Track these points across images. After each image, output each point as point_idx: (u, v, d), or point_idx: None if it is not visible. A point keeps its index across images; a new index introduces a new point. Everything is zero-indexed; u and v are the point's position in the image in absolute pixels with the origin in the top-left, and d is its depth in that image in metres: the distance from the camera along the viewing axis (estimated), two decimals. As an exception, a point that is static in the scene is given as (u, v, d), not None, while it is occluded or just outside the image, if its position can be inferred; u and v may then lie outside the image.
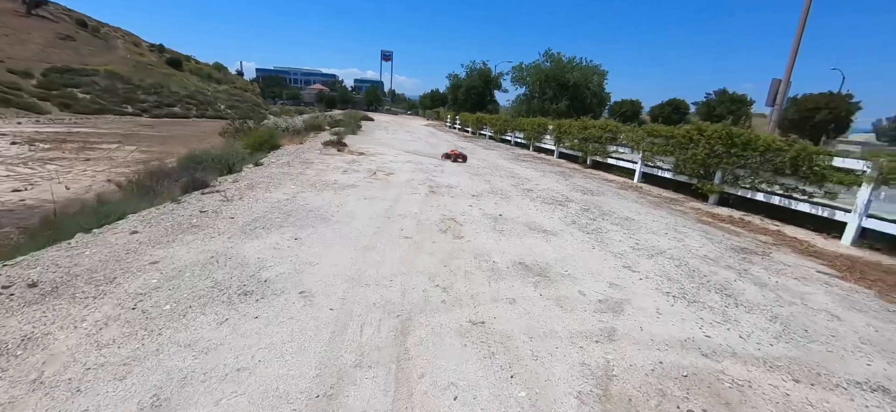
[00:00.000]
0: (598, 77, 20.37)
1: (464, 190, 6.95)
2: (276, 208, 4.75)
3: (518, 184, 8.10)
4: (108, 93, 39.82)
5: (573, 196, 7.33)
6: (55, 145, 19.39)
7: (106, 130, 27.38)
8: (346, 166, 8.30)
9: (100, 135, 24.71)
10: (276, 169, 7.41)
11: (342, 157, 9.68)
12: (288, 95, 78.97)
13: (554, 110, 18.55)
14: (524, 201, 6.49)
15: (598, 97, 20.57)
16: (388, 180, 7.22)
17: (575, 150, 12.92)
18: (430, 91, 66.95)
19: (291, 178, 6.55)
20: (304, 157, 9.04)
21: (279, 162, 8.24)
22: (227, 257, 3.28)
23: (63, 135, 22.76)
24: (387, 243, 3.95)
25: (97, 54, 48.28)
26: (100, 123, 31.02)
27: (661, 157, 9.37)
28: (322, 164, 8.34)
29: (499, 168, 10.35)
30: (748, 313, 3.20)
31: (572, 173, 10.70)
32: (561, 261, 3.89)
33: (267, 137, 11.56)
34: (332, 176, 7.10)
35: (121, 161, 16.04)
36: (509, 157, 13.60)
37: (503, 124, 18.83)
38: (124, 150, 19.83)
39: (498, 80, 32.36)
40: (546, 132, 15.02)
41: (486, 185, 7.66)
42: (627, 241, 4.79)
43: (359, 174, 7.54)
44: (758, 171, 7.12)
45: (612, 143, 11.23)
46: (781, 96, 11.51)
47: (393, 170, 8.42)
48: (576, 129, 12.73)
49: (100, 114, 36.39)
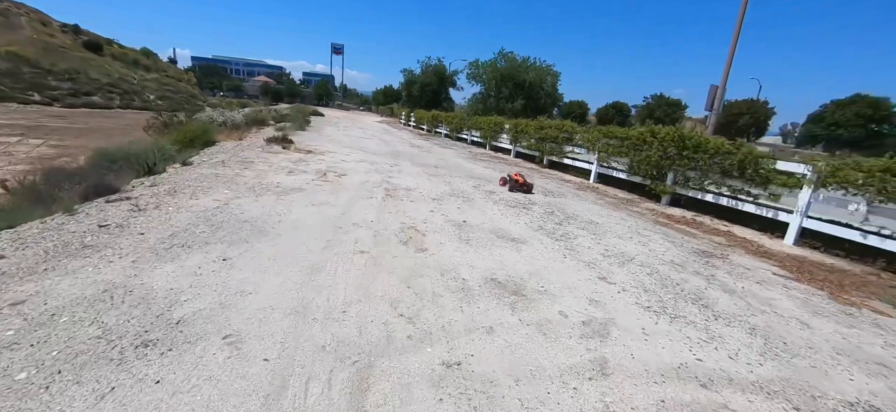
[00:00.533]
0: (551, 78, 20.63)
1: (424, 193, 6.44)
2: (202, 219, 3.95)
3: (479, 185, 7.74)
4: (9, 77, 34.49)
5: (536, 198, 7.11)
6: None
7: (6, 122, 23.55)
8: (292, 166, 7.45)
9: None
10: (207, 169, 6.43)
11: (288, 155, 8.76)
12: (229, 87, 73.17)
13: (510, 109, 18.51)
14: (487, 205, 6.12)
15: (552, 97, 20.89)
16: (340, 182, 6.52)
17: (532, 149, 12.88)
18: (384, 87, 65.33)
19: (225, 181, 5.66)
20: (242, 156, 8.03)
21: (212, 161, 7.21)
22: (128, 290, 2.53)
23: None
24: (339, 261, 3.35)
25: (-6, 33, 41.63)
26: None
27: (616, 158, 9.49)
28: (264, 163, 7.42)
29: (458, 168, 9.96)
30: (728, 327, 3.03)
31: (530, 173, 10.58)
32: (535, 275, 3.53)
33: (200, 133, 10.26)
34: (275, 178, 6.27)
35: (22, 157, 13.77)
36: (467, 155, 13.29)
37: (459, 122, 18.52)
38: (28, 145, 17.08)
39: (453, 78, 32.05)
40: (503, 131, 14.90)
41: (446, 186, 7.21)
42: (597, 248, 4.57)
43: (306, 175, 6.76)
44: (707, 173, 7.34)
45: (569, 143, 11.28)
46: (718, 102, 12.29)
47: (345, 170, 7.71)
48: (532, 128, 12.68)
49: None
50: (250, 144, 10.10)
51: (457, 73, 31.65)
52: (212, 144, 10.25)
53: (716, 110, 12.47)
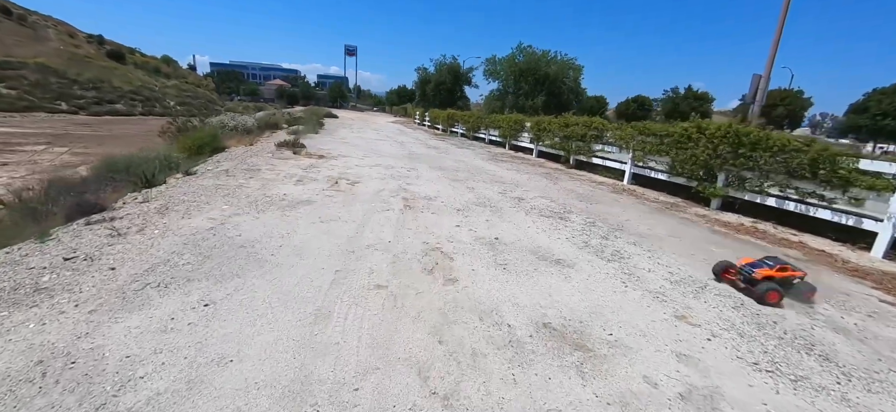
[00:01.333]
0: (574, 71, 19.27)
1: (446, 202, 5.71)
2: (189, 245, 3.30)
3: (505, 191, 6.96)
4: (38, 88, 35.29)
5: (571, 204, 6.29)
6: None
7: (34, 130, 23.93)
8: (302, 174, 6.82)
9: (25, 135, 21.45)
10: (209, 179, 5.84)
11: (298, 161, 8.15)
12: (245, 91, 73.93)
13: (530, 106, 17.46)
14: (519, 215, 5.35)
15: (575, 92, 20.01)
16: (353, 191, 5.84)
17: (556, 148, 12.00)
18: (397, 87, 64.87)
19: (226, 194, 5.04)
20: (250, 163, 7.45)
21: (217, 170, 6.63)
22: (69, 361, 1.87)
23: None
24: (351, 302, 2.65)
25: (24, 45, 42.85)
26: (26, 122, 27.22)
27: (653, 157, 8.56)
28: (271, 171, 6.81)
29: (479, 171, 9.18)
30: (870, 394, 2.21)
31: (557, 175, 9.74)
32: (596, 315, 2.76)
33: (208, 139, 9.78)
34: (282, 188, 5.63)
35: (47, 165, 13.70)
36: (486, 156, 12.49)
37: (476, 121, 17.69)
38: (53, 153, 17.12)
39: (468, 76, 31.04)
40: (523, 130, 14.04)
41: (470, 193, 6.46)
42: (659, 270, 3.75)
43: (317, 184, 6.10)
44: (768, 174, 6.38)
45: (598, 141, 10.38)
46: (762, 92, 11.16)
47: (359, 177, 7.03)
48: (557, 126, 11.80)
49: (28, 111, 32.15)
50: (260, 150, 9.56)
51: (472, 71, 30.78)
52: (221, 150, 9.76)
53: (759, 101, 11.35)
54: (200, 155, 9.34)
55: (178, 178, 6.10)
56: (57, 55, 44.72)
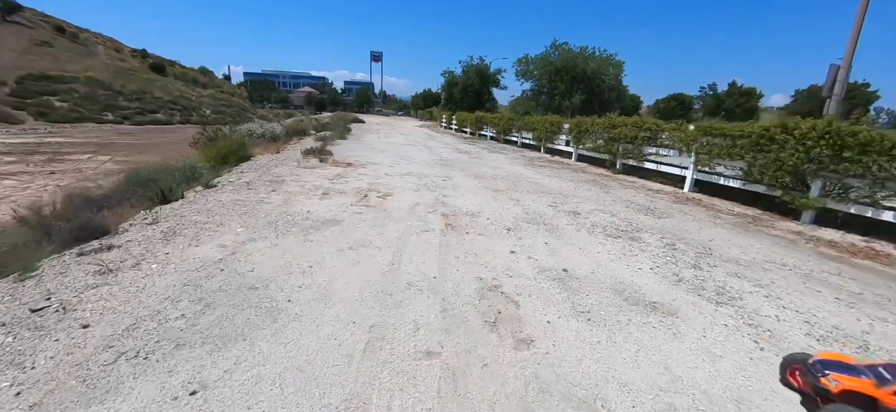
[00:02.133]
0: (614, 68, 17.55)
1: (492, 218, 4.87)
2: (190, 286, 2.63)
3: (555, 203, 6.04)
4: (87, 100, 37.16)
5: (637, 220, 5.31)
6: (20, 158, 17.18)
7: (82, 140, 24.95)
8: (328, 185, 6.16)
9: (74, 145, 22.32)
10: (228, 193, 5.26)
11: (324, 170, 7.54)
12: (276, 99, 75.82)
13: (567, 107, 16.25)
14: (581, 235, 4.44)
15: (617, 91, 18.27)
16: (384, 207, 5.11)
17: (599, 152, 10.91)
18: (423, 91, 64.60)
19: (243, 212, 4.41)
20: (274, 174, 6.88)
21: (238, 182, 6.08)
22: None
23: (33, 146, 20.40)
24: (392, 385, 1.86)
25: (76, 60, 45.41)
26: (76, 133, 28.54)
27: (721, 161, 7.41)
28: (296, 183, 6.19)
29: (519, 179, 8.28)
30: None
31: (606, 182, 8.69)
32: (746, 406, 1.85)
33: (235, 148, 9.38)
34: (306, 203, 4.97)
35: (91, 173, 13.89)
36: (523, 162, 11.55)
37: (507, 124, 16.73)
38: (96, 161, 17.56)
39: (496, 77, 30.06)
40: (561, 132, 12.99)
41: (516, 207, 5.59)
42: (792, 319, 2.78)
43: (344, 198, 5.41)
44: (884, 182, 5.18)
45: (650, 144, 9.25)
46: (841, 85, 9.68)
47: (390, 188, 6.31)
48: (600, 127, 10.72)
49: (78, 122, 33.81)
50: (286, 158, 9.05)
51: (500, 72, 29.76)
52: (247, 159, 9.33)
53: (838, 95, 9.86)
54: (226, 164, 8.94)
55: (197, 191, 5.57)
56: (105, 69, 47.11)
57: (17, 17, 48.10)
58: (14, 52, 41.30)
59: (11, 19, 47.07)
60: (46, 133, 27.52)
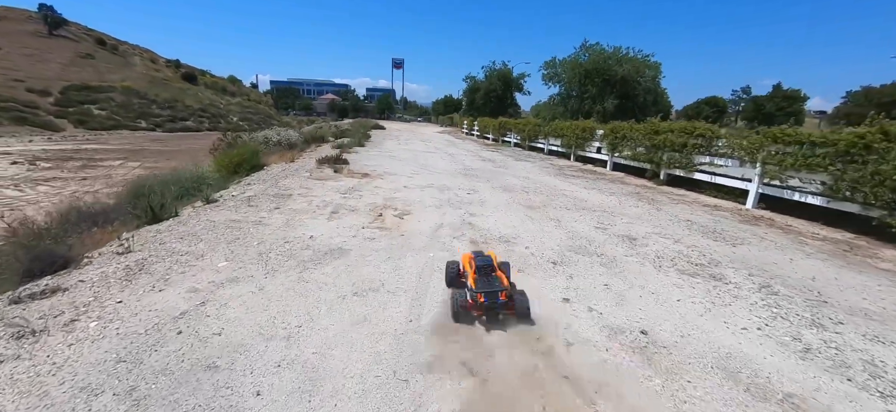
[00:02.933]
0: (651, 70, 15.65)
1: (532, 247, 3.96)
2: (123, 366, 1.85)
3: (603, 224, 5.06)
4: (123, 108, 38.46)
5: (709, 249, 4.27)
6: (56, 164, 17.49)
7: (115, 146, 25.54)
8: (340, 201, 5.40)
9: (107, 151, 22.80)
10: (226, 211, 4.57)
11: (337, 182, 6.81)
12: (300, 106, 77.06)
13: (598, 111, 15.01)
14: (647, 272, 3.47)
15: (653, 94, 16.52)
16: (401, 230, 4.28)
17: (638, 160, 9.79)
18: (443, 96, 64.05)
19: (234, 237, 3.68)
20: (282, 186, 6.19)
21: (242, 196, 5.40)
22: None
23: (70, 152, 20.90)
24: None
25: (115, 71, 47.30)
26: (111, 139, 29.37)
27: (795, 173, 6.24)
28: (304, 198, 5.46)
29: (554, 191, 7.32)
30: None
31: (652, 195, 7.61)
32: None
33: (247, 156, 8.82)
34: (311, 225, 4.20)
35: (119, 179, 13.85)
36: (553, 171, 10.55)
37: (533, 129, 15.69)
38: (127, 167, 17.70)
39: (520, 82, 28.94)
40: (593, 138, 11.91)
41: (558, 230, 4.65)
42: None
43: (356, 217, 4.62)
44: None
45: (702, 152, 8.10)
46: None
47: (408, 204, 5.48)
48: (641, 133, 9.61)
49: (114, 130, 34.93)
50: (299, 167, 8.41)
51: (524, 77, 28.61)
52: (259, 168, 8.76)
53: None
54: (237, 174, 8.39)
55: (195, 207, 4.92)
56: (140, 79, 48.81)
57: (63, 31, 50.64)
58: (60, 64, 43.31)
59: (58, 33, 49.57)
60: (84, 139, 28.42)
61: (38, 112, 33.19)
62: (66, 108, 35.78)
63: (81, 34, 55.01)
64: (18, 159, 16.44)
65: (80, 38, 53.72)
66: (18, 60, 42.12)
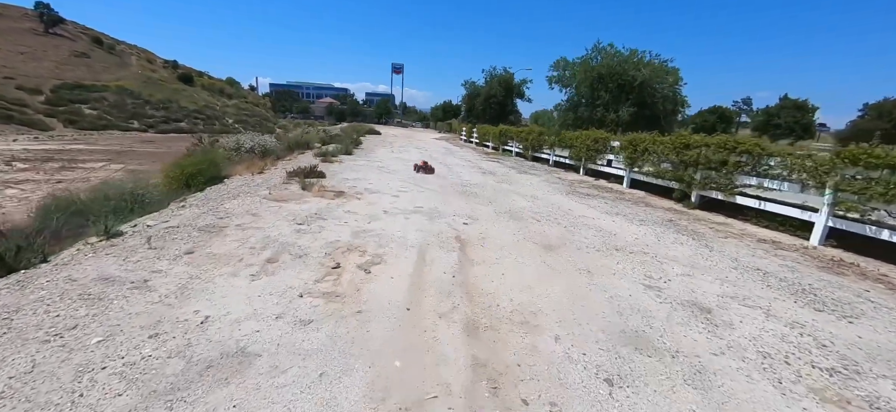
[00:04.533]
0: (672, 77, 13.96)
1: (566, 341, 2.45)
2: None
3: (653, 280, 3.56)
4: (115, 108, 36.97)
5: (821, 331, 2.77)
6: (34, 165, 16.13)
7: (103, 147, 24.04)
8: (289, 237, 3.90)
9: (93, 152, 21.31)
10: (107, 262, 3.05)
11: (301, 204, 5.31)
12: (298, 109, 75.38)
13: (612, 120, 13.42)
14: (770, 400, 2.00)
15: (673, 102, 14.50)
16: (361, 299, 2.76)
17: (663, 178, 8.32)
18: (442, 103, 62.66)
19: (67, 325, 2.18)
20: (226, 209, 4.68)
21: (159, 226, 3.89)
22: None
23: (53, 153, 19.46)
24: None
25: (110, 71, 45.86)
26: (100, 140, 27.88)
27: (884, 205, 4.78)
28: (243, 230, 3.96)
29: (572, 219, 5.83)
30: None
31: (690, 223, 6.14)
32: None
33: (203, 166, 7.34)
34: (218, 291, 2.69)
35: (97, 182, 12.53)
36: (563, 187, 9.07)
37: (538, 139, 14.22)
38: (109, 169, 16.28)
39: (521, 88, 27.42)
40: (607, 150, 10.45)
41: (595, 292, 3.14)
42: None
43: (300, 270, 3.12)
44: None
45: (748, 172, 6.64)
46: None
47: (384, 242, 3.98)
48: (667, 147, 8.15)
49: (105, 129, 33.42)
50: (264, 181, 6.91)
51: (526, 83, 27.11)
52: (218, 181, 7.28)
53: None
54: (189, 187, 6.90)
55: (85, 245, 3.43)
56: (135, 79, 47.34)
57: (59, 30, 49.17)
58: (54, 63, 41.81)
59: (54, 31, 48.13)
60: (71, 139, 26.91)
61: (26, 110, 31.66)
62: (57, 107, 34.31)
63: (78, 33, 53.59)
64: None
65: (76, 37, 52.29)
66: (12, 58, 40.62)
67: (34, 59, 42.74)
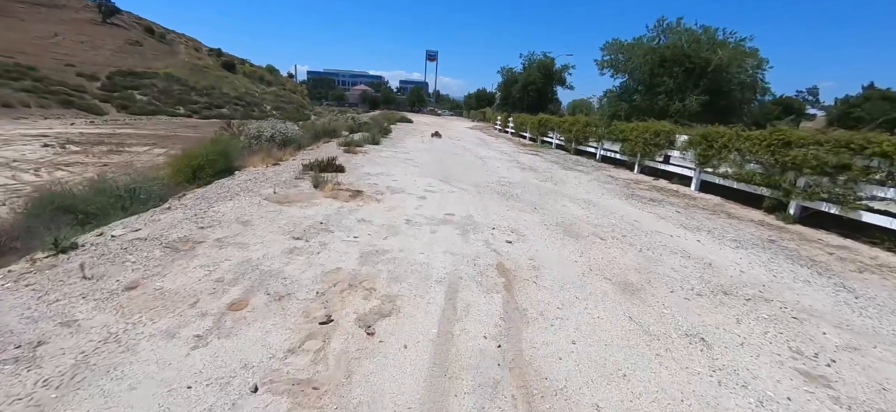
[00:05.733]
0: (753, 60, 11.26)
1: None
2: None
3: (787, 343, 2.29)
4: (164, 94, 38.44)
5: None
6: (85, 148, 16.69)
7: (150, 131, 24.87)
8: (276, 262, 2.93)
9: (140, 136, 21.98)
10: (11, 303, 2.20)
11: (307, 208, 4.36)
12: (333, 96, 75.99)
13: (677, 110, 11.59)
14: None
15: (753, 90, 11.88)
16: (350, 396, 1.74)
17: (750, 182, 6.70)
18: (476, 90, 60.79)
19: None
20: (213, 215, 3.81)
21: (123, 238, 3.05)
22: None
23: (104, 136, 20.21)
24: None
25: (160, 58, 47.88)
26: (149, 125, 28.92)
27: None
28: (219, 249, 3.03)
29: (645, 237, 4.51)
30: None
31: (802, 246, 4.63)
32: None
33: (214, 157, 6.59)
34: (120, 380, 1.77)
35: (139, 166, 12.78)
36: (620, 189, 7.63)
37: (583, 130, 12.63)
38: (152, 154, 16.61)
39: (562, 75, 25.26)
40: (672, 145, 8.83)
41: (730, 395, 1.94)
42: None
43: (277, 327, 2.14)
44: None
45: (882, 180, 4.99)
46: None
47: (399, 274, 2.92)
48: (756, 144, 6.52)
49: (154, 114, 34.77)
50: (274, 175, 6.06)
51: (567, 69, 24.89)
52: (229, 173, 6.53)
53: None
54: (197, 179, 6.19)
55: (29, 260, 2.63)
56: (183, 67, 49.19)
57: (116, 20, 51.82)
58: (110, 51, 44.09)
59: (111, 21, 50.77)
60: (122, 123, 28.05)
61: (84, 96, 33.38)
62: (111, 93, 36.00)
63: (132, 22, 56.25)
64: (51, 142, 15.80)
65: (130, 27, 54.90)
66: (72, 47, 43.11)
67: (93, 47, 45.13)
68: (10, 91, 27.34)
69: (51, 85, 32.32)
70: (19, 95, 27.67)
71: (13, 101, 26.45)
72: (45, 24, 44.81)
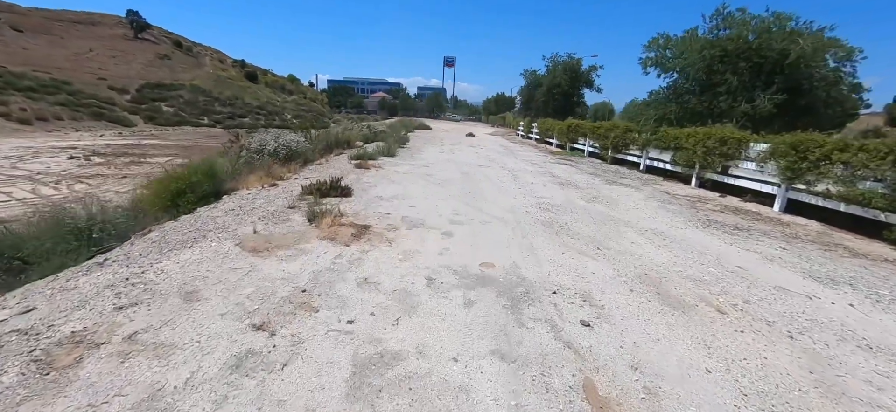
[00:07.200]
0: (842, 52, 9.22)
1: None
2: None
3: None
4: (189, 105, 38.86)
5: None
6: (108, 160, 16.44)
7: (173, 142, 24.76)
8: (210, 403, 1.74)
9: (163, 147, 21.78)
10: None
11: (290, 261, 3.15)
12: (352, 104, 76.09)
13: (744, 113, 9.23)
14: None
15: (838, 89, 9.72)
16: None
17: (865, 204, 5.12)
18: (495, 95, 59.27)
19: None
20: (157, 273, 2.65)
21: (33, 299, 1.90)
22: None
23: (129, 147, 20.07)
24: None
25: (187, 70, 48.78)
26: (173, 135, 28.96)
27: None
28: (104, 377, 1.87)
29: (775, 301, 3.07)
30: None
31: None
32: None
33: (198, 179, 5.52)
34: None
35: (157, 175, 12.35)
36: (686, 211, 6.14)
37: (622, 136, 11.07)
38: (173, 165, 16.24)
39: (590, 76, 23.42)
40: (741, 155, 7.24)
41: None
42: None
43: None
44: None
45: None
46: None
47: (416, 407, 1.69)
48: (873, 156, 4.94)
49: (179, 125, 35.06)
50: (269, 200, 4.92)
51: (595, 70, 23.05)
52: (217, 197, 5.44)
53: None
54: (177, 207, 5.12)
55: None
56: (208, 78, 49.97)
57: (147, 35, 53.32)
58: (140, 65, 45.19)
59: (142, 36, 52.26)
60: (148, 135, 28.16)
61: (114, 108, 33.91)
62: (140, 105, 36.57)
63: (162, 37, 57.81)
64: (77, 154, 15.67)
65: (160, 41, 56.41)
66: (105, 61, 44.29)
67: (124, 62, 46.31)
68: (46, 105, 27.86)
69: (83, 98, 32.99)
70: (54, 109, 28.19)
71: (47, 114, 26.88)
72: (82, 41, 46.33)
